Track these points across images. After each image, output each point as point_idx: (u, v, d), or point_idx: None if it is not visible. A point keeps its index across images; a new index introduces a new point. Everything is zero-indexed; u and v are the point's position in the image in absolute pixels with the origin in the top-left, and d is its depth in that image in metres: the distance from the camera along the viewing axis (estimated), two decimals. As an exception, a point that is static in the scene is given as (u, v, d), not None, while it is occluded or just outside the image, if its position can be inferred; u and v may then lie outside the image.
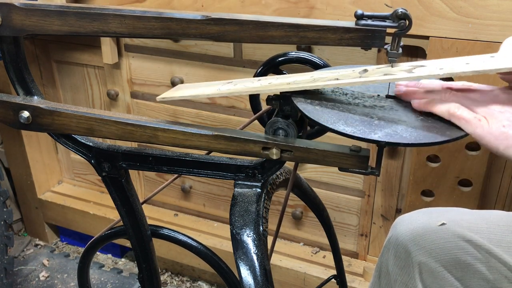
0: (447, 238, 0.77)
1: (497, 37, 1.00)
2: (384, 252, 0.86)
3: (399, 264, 0.82)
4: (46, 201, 1.76)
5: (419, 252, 0.79)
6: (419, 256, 0.79)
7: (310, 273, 1.40)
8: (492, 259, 0.74)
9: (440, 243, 0.77)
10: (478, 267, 0.75)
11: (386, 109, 0.65)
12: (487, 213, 0.83)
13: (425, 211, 0.85)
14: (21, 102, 0.70)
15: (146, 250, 0.85)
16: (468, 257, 0.75)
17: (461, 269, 0.76)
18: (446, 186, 1.16)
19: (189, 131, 0.68)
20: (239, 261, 0.67)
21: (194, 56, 1.38)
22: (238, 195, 0.73)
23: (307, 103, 0.65)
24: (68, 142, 0.76)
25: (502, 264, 0.74)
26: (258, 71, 0.84)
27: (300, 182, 0.95)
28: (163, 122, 0.69)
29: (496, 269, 0.74)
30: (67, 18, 0.64)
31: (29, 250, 1.82)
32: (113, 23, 0.63)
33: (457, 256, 0.76)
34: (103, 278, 1.67)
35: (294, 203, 1.45)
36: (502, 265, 0.74)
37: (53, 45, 1.58)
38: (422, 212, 0.86)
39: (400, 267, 0.81)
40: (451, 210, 0.85)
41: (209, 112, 1.43)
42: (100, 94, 1.59)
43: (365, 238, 1.40)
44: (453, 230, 0.78)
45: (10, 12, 0.64)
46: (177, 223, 1.60)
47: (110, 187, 0.78)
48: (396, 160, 1.26)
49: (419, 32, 1.05)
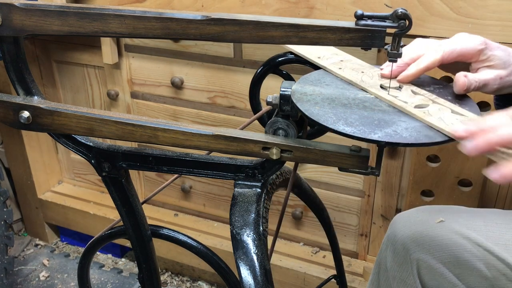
0: (445, 235, 0.77)
1: (497, 37, 1.00)
2: (383, 249, 0.86)
3: (397, 261, 0.82)
4: (46, 201, 1.76)
5: (417, 249, 0.79)
6: (417, 253, 0.79)
7: (310, 273, 1.40)
8: (490, 256, 0.74)
9: (438, 240, 0.77)
10: (477, 265, 0.75)
11: (386, 109, 0.65)
12: (485, 211, 0.83)
13: (424, 209, 0.85)
14: (21, 102, 0.70)
15: (146, 250, 0.85)
16: (466, 254, 0.75)
17: (459, 266, 0.76)
18: (446, 186, 1.16)
19: (189, 131, 0.68)
20: (239, 261, 0.67)
21: (194, 56, 1.38)
22: (238, 195, 0.73)
23: (307, 103, 0.65)
24: (68, 142, 0.76)
25: (500, 262, 0.74)
26: (258, 71, 0.84)
27: (300, 182, 0.95)
28: (163, 122, 0.69)
29: (494, 266, 0.74)
30: (67, 18, 0.64)
31: (29, 250, 1.82)
32: (113, 23, 0.63)
33: (455, 253, 0.76)
34: (103, 278, 1.67)
35: (294, 203, 1.45)
36: (500, 262, 0.74)
37: (53, 45, 1.58)
38: (420, 209, 0.86)
39: (398, 264, 0.82)
40: (450, 208, 0.85)
41: (209, 112, 1.43)
42: (100, 94, 1.59)
43: (365, 238, 1.40)
44: (451, 228, 0.78)
45: (10, 12, 0.64)
46: (177, 223, 1.60)
47: (110, 187, 0.78)
48: (396, 160, 1.26)
49: (419, 32, 1.05)
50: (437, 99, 0.67)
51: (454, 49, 0.69)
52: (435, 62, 0.69)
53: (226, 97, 1.39)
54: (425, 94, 0.69)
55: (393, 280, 0.83)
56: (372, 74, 0.74)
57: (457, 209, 0.84)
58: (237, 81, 1.36)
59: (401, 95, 0.68)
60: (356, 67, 0.77)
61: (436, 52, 0.69)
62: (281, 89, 0.68)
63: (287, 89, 0.67)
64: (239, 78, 1.35)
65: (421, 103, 0.66)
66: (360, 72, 0.74)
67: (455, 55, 0.69)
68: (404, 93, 0.69)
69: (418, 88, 0.70)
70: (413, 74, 0.69)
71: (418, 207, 0.87)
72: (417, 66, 0.69)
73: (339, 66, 0.76)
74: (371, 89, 0.69)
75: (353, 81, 0.72)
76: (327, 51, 0.82)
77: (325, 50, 0.82)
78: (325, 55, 0.80)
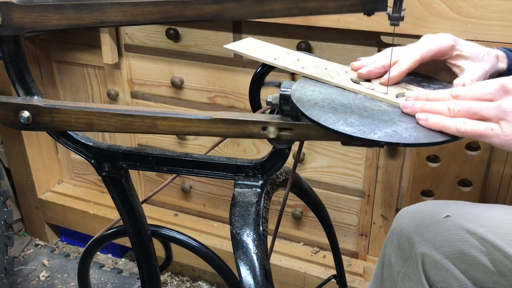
0: (451, 230, 0.77)
1: (497, 37, 1.00)
2: (387, 244, 0.85)
3: (402, 256, 0.81)
4: (46, 201, 1.76)
5: (422, 244, 0.78)
6: (422, 248, 0.78)
7: (310, 273, 1.40)
8: (496, 252, 0.74)
9: (444, 235, 0.77)
10: (482, 260, 0.75)
11: (386, 109, 0.65)
12: (492, 206, 0.83)
13: (430, 203, 0.85)
14: (20, 102, 0.70)
15: (146, 250, 0.85)
16: (472, 250, 0.75)
17: (465, 261, 0.76)
18: (446, 186, 1.16)
19: (187, 117, 0.67)
20: (239, 261, 0.67)
21: (194, 56, 1.38)
22: (238, 195, 0.73)
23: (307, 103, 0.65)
24: (68, 142, 0.75)
25: (506, 258, 0.74)
26: (258, 71, 0.84)
27: (300, 182, 0.95)
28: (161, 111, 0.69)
29: (500, 262, 0.74)
30: (66, 11, 0.64)
31: (29, 250, 1.82)
32: (111, 12, 0.63)
33: (461, 249, 0.76)
34: (103, 278, 1.67)
35: (294, 203, 1.45)
36: (506, 258, 0.74)
37: (53, 45, 1.58)
38: (426, 204, 0.85)
39: (403, 259, 0.81)
40: (456, 203, 0.85)
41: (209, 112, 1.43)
42: (100, 94, 1.59)
43: (365, 238, 1.40)
44: (458, 223, 0.77)
45: (9, 11, 0.64)
46: (177, 223, 1.60)
47: (110, 187, 0.78)
48: (396, 160, 1.26)
49: (419, 32, 1.05)
50: (409, 86, 0.70)
51: (430, 48, 0.70)
52: (416, 62, 0.70)
53: (226, 97, 1.39)
54: (401, 85, 0.70)
55: (397, 275, 0.82)
56: (335, 69, 0.75)
57: (463, 204, 0.84)
58: (237, 81, 1.36)
59: (377, 87, 0.70)
60: (316, 64, 0.76)
61: (414, 53, 0.70)
62: (281, 89, 0.67)
63: (287, 89, 0.67)
64: (239, 78, 1.35)
65: (399, 92, 0.68)
66: (324, 69, 0.75)
67: (432, 53, 0.70)
68: (378, 85, 0.70)
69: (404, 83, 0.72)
70: (397, 75, 0.70)
71: (424, 202, 0.86)
72: (399, 68, 0.70)
73: (301, 65, 0.76)
74: (345, 85, 0.70)
75: (323, 78, 0.72)
76: (279, 51, 0.80)
77: (276, 51, 0.80)
78: (279, 56, 0.79)
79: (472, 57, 0.71)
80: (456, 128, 0.59)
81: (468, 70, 0.70)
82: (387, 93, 0.68)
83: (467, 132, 0.58)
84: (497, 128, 0.58)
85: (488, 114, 0.58)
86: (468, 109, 0.60)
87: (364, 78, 0.72)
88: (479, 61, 0.71)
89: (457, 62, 0.71)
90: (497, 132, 0.57)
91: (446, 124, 0.59)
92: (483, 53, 0.72)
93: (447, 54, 0.71)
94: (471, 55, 0.71)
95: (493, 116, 0.58)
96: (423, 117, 0.61)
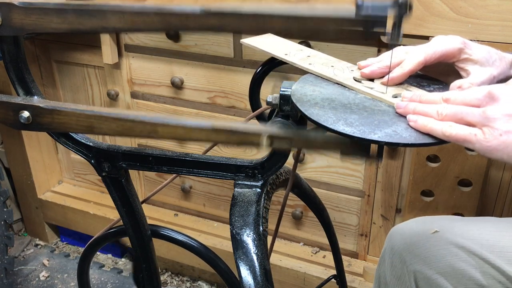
0: (440, 245, 0.78)
1: (497, 37, 1.00)
2: (381, 263, 0.86)
3: (395, 274, 0.82)
4: (46, 201, 1.76)
5: (414, 261, 0.79)
6: (414, 265, 0.79)
7: (310, 273, 1.40)
8: (485, 264, 0.74)
9: (433, 250, 0.78)
10: (473, 273, 0.75)
11: (386, 109, 0.65)
12: (479, 219, 0.83)
13: (419, 220, 0.86)
14: (20, 102, 0.70)
15: (146, 250, 0.85)
16: (462, 264, 0.76)
17: (455, 276, 0.76)
18: (446, 186, 1.16)
19: (188, 125, 0.67)
20: (239, 261, 0.67)
21: (194, 56, 1.38)
22: (238, 195, 0.73)
23: (306, 103, 0.65)
24: (68, 142, 0.75)
25: (495, 270, 0.74)
26: (258, 71, 0.84)
27: (300, 182, 0.95)
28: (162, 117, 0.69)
29: (490, 274, 0.74)
30: (66, 15, 0.64)
31: (29, 250, 1.82)
32: (112, 19, 0.63)
33: (451, 263, 0.76)
34: (103, 278, 1.67)
35: (294, 203, 1.45)
36: (495, 270, 0.74)
37: (53, 45, 1.58)
38: (415, 221, 0.86)
39: (396, 277, 0.82)
40: (443, 218, 0.86)
41: (209, 112, 1.43)
42: (100, 94, 1.59)
43: (365, 238, 1.40)
44: (446, 237, 0.78)
45: (10, 12, 0.64)
46: (177, 223, 1.60)
47: (110, 187, 0.78)
48: (396, 160, 1.26)
49: (419, 32, 1.05)
50: (409, 87, 0.69)
51: (435, 50, 0.70)
52: (419, 64, 0.70)
53: (226, 97, 1.39)
54: (401, 85, 0.70)
55: None
56: (342, 67, 0.75)
57: (451, 219, 0.84)
58: (237, 81, 1.36)
59: (376, 86, 0.70)
60: (325, 61, 0.77)
61: (418, 55, 0.70)
62: (281, 89, 0.67)
63: (287, 89, 0.67)
64: (239, 78, 1.35)
65: (397, 92, 0.68)
66: (330, 66, 0.75)
67: (437, 55, 0.70)
68: (379, 84, 0.70)
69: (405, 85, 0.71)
70: (398, 76, 0.70)
71: (414, 219, 0.87)
72: (402, 69, 0.70)
73: (309, 61, 0.76)
74: (345, 82, 0.70)
75: (326, 75, 0.72)
76: (292, 47, 0.82)
77: (290, 47, 0.81)
78: (291, 52, 0.80)
79: (481, 61, 0.70)
80: (442, 131, 0.59)
81: (473, 74, 0.70)
82: (385, 92, 0.68)
83: (452, 136, 0.59)
84: (480, 134, 0.58)
85: (473, 119, 0.59)
86: (455, 113, 0.60)
87: (367, 78, 0.72)
88: (488, 65, 0.70)
89: (465, 66, 0.71)
90: (480, 138, 0.58)
91: (433, 127, 0.60)
92: (495, 57, 0.71)
93: (454, 57, 0.71)
94: (480, 59, 0.70)
95: (477, 122, 0.58)
96: (413, 118, 0.61)
